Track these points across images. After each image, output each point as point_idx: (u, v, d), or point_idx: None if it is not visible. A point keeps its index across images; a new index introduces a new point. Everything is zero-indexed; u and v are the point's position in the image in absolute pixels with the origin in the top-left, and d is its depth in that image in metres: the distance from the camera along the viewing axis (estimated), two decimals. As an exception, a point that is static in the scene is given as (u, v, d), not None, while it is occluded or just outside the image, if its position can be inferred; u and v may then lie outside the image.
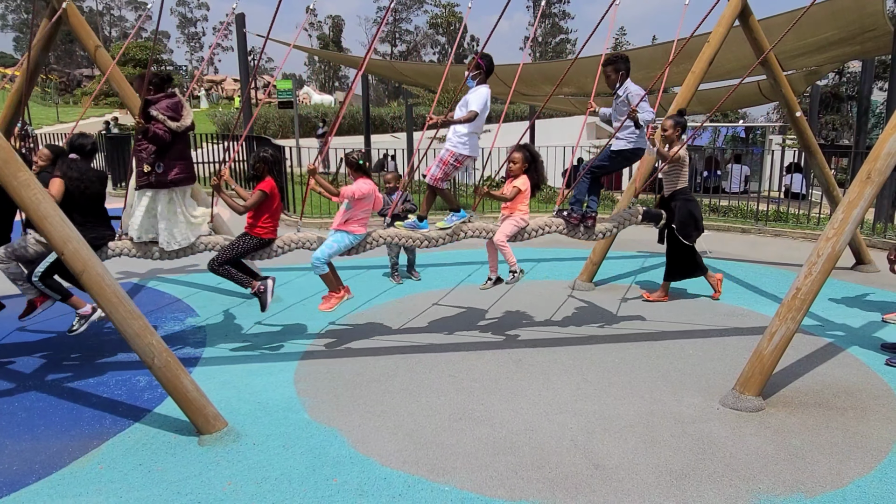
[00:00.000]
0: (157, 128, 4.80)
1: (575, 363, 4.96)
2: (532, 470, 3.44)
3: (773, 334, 4.13)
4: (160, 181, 4.92)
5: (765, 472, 3.41)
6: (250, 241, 5.01)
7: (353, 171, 5.07)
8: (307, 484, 3.32)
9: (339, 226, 5.01)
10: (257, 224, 5.02)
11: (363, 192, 4.95)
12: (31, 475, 3.43)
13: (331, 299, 5.15)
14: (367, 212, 5.09)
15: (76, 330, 4.95)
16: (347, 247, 5.04)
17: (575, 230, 5.36)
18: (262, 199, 4.97)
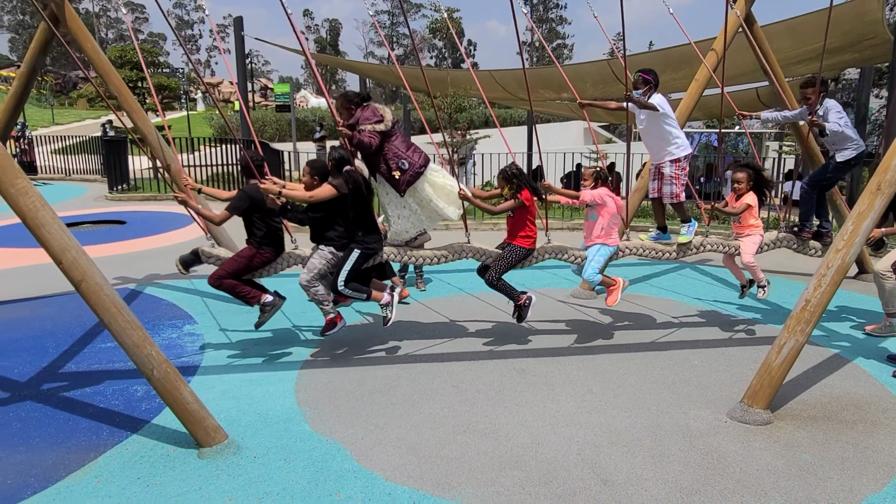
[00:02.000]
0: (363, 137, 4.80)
1: (579, 374, 4.90)
2: (539, 486, 3.38)
3: (781, 346, 4.08)
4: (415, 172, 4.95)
5: (776, 488, 3.35)
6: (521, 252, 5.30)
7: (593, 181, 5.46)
8: (310, 499, 3.25)
9: (594, 239, 5.40)
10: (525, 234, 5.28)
11: (602, 198, 5.29)
12: (26, 489, 3.35)
13: (613, 292, 5.45)
14: (615, 219, 5.38)
15: (390, 318, 5.16)
16: (608, 256, 5.42)
17: (804, 245, 5.82)
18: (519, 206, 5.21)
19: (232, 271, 5.04)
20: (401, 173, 4.92)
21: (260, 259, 5.12)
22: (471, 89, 13.88)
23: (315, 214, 5.00)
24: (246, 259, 5.08)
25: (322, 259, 5.00)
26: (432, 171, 5.10)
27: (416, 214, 5.12)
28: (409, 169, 4.92)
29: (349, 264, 4.93)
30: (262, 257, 5.12)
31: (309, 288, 4.99)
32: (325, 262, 5.01)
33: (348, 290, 4.98)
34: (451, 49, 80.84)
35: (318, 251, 5.04)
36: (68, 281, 3.49)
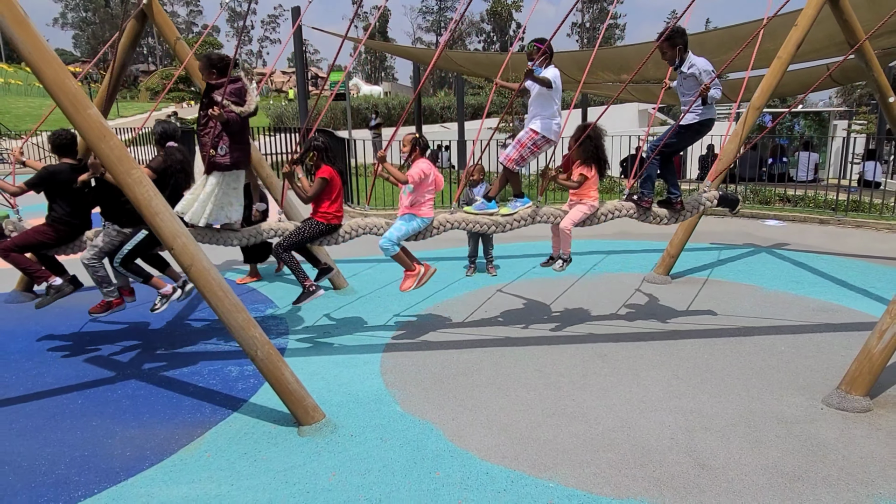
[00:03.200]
0: (227, 113, 4.71)
1: (662, 359, 4.86)
2: (635, 468, 3.39)
3: (883, 332, 3.95)
4: (223, 164, 4.86)
5: (883, 476, 3.27)
6: (316, 227, 5.04)
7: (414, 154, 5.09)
8: (410, 477, 3.35)
9: (406, 209, 5.04)
10: (319, 210, 5.05)
11: (425, 173, 4.96)
12: (144, 461, 3.56)
13: (408, 279, 5.19)
14: (431, 192, 5.09)
15: (158, 308, 5.15)
16: (416, 230, 5.06)
17: (646, 214, 5.25)
18: (324, 187, 5.00)
19: (20, 244, 4.89)
20: (216, 155, 4.79)
21: (51, 234, 4.95)
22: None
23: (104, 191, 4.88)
24: (41, 234, 4.95)
25: (106, 237, 4.91)
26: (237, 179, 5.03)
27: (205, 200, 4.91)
28: (221, 156, 4.80)
29: (132, 244, 4.89)
30: (54, 233, 4.96)
31: (89, 266, 4.90)
32: (110, 240, 4.92)
33: (123, 269, 4.95)
34: (499, 33, 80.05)
35: (104, 229, 4.95)
36: (178, 265, 3.66)
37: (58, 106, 3.42)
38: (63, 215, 4.99)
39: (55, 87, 3.36)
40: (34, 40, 3.37)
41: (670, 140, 5.21)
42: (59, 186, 4.94)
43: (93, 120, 3.43)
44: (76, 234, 5.07)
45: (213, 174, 4.92)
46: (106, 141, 3.44)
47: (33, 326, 5.86)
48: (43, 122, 5.96)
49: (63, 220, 4.99)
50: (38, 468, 3.50)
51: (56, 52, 3.48)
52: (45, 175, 4.94)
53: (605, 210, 5.21)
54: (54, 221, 4.99)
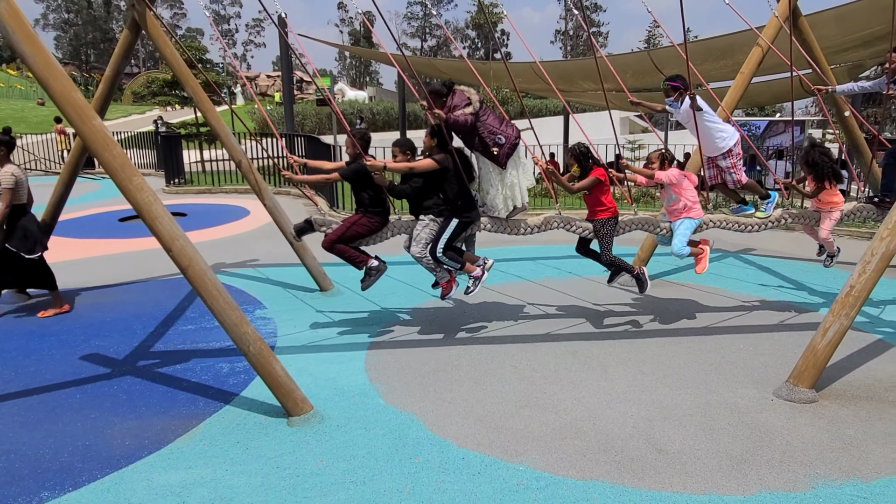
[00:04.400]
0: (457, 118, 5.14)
1: (630, 355, 5.19)
2: (599, 453, 3.70)
3: (826, 330, 4.31)
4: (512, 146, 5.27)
5: (821, 459, 3.62)
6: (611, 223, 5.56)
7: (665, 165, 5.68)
8: (392, 462, 3.63)
9: (681, 214, 5.64)
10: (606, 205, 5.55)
11: (676, 177, 5.55)
12: (142, 450, 3.80)
13: (701, 260, 5.72)
14: (693, 192, 5.63)
15: (472, 291, 5.52)
16: (694, 229, 5.69)
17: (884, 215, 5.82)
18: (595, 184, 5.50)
19: (342, 235, 5.38)
20: (498, 148, 5.23)
21: (368, 226, 5.42)
22: (513, 82, 14.09)
23: (415, 186, 5.31)
24: (356, 225, 5.40)
25: (427, 229, 5.33)
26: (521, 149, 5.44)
27: (514, 187, 5.41)
28: (505, 143, 5.24)
29: (448, 232, 5.28)
30: (371, 224, 5.42)
31: (422, 258, 5.34)
32: (430, 231, 5.33)
33: (446, 258, 5.33)
34: (483, 39, 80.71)
35: (421, 222, 5.37)
36: (176, 266, 3.92)
37: (65, 117, 3.67)
38: (377, 208, 5.45)
39: (62, 99, 3.61)
40: (42, 55, 3.62)
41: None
42: (370, 180, 5.30)
43: (97, 130, 3.69)
44: (385, 224, 5.52)
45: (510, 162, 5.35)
46: (109, 150, 3.70)
47: (29, 326, 6.06)
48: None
49: (377, 212, 5.46)
50: (43, 456, 3.73)
51: None
52: (359, 170, 5.30)
53: (847, 212, 6.03)
54: (369, 213, 5.44)
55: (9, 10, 3.55)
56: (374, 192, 5.42)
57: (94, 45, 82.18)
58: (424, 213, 5.39)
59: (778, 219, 5.95)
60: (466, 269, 5.46)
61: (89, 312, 6.48)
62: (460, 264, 5.43)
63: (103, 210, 13.10)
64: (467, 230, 5.50)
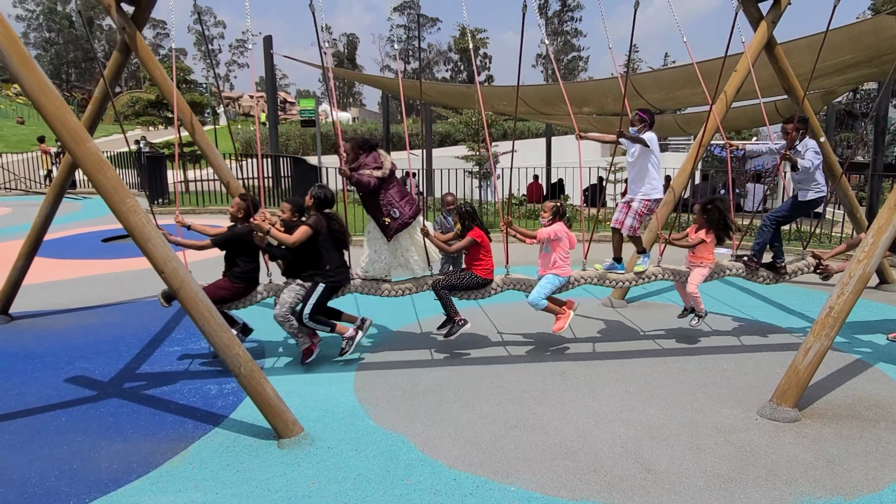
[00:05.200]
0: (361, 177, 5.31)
1: (617, 376, 5.26)
2: (589, 473, 3.74)
3: (807, 350, 4.41)
4: (403, 224, 5.49)
5: (805, 477, 3.69)
6: (475, 278, 5.68)
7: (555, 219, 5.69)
8: (384, 483, 3.64)
9: (547, 269, 5.67)
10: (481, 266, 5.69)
11: (557, 234, 5.56)
12: (131, 473, 3.77)
13: (559, 320, 5.71)
14: (567, 253, 5.68)
15: (347, 352, 5.58)
16: (557, 286, 5.70)
17: (754, 274, 6.05)
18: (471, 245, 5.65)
19: None
20: (391, 220, 5.43)
21: (233, 290, 5.47)
22: (496, 105, 14.30)
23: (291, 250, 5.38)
24: (221, 290, 5.41)
25: (292, 293, 5.39)
26: (418, 225, 5.60)
27: (390, 260, 5.65)
28: (398, 218, 5.45)
29: (314, 297, 5.36)
30: (235, 289, 5.48)
31: (284, 322, 5.36)
32: (295, 296, 5.39)
33: (312, 322, 5.39)
34: (466, 63, 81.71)
35: (288, 286, 5.45)
36: (168, 287, 3.93)
37: (59, 138, 3.69)
38: (245, 272, 5.50)
39: (56, 121, 3.63)
40: (37, 77, 3.64)
41: (785, 213, 6.12)
42: (244, 246, 5.41)
43: (91, 153, 3.71)
44: (251, 290, 5.56)
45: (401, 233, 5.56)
46: (103, 172, 3.72)
47: (11, 348, 5.98)
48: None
49: (245, 277, 5.51)
50: (29, 480, 3.68)
51: None
52: (231, 237, 5.45)
53: (718, 269, 6.00)
54: (236, 278, 5.48)
55: (4, 32, 3.58)
56: (245, 261, 5.48)
57: (75, 64, 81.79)
58: (292, 276, 5.47)
59: (651, 275, 5.97)
60: (339, 331, 5.54)
61: (74, 334, 6.41)
62: (330, 327, 5.49)
63: (86, 230, 12.99)
64: (336, 293, 5.59)
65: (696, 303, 5.94)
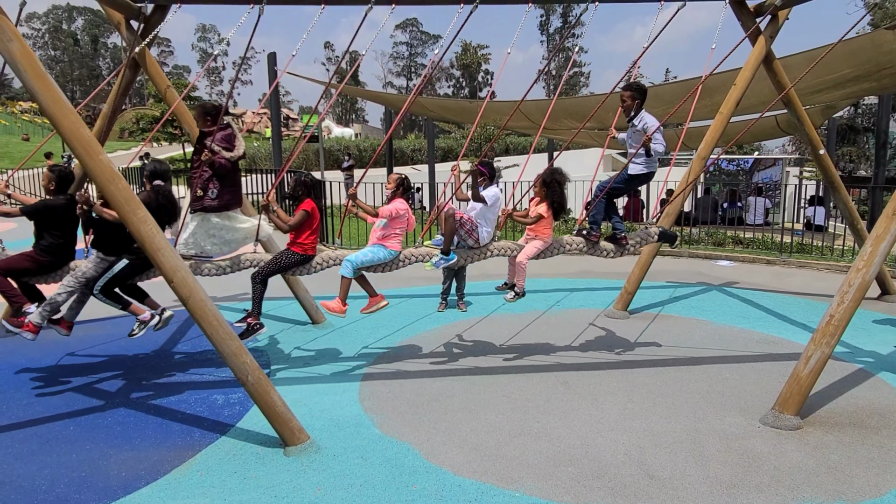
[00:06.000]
0: (218, 158, 5.19)
1: (619, 385, 5.29)
2: (593, 479, 3.78)
3: (808, 358, 4.45)
4: (212, 206, 5.31)
5: (808, 483, 3.72)
6: (292, 256, 5.36)
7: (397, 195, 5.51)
8: (390, 490, 3.67)
9: (377, 241, 5.42)
10: (297, 241, 5.38)
11: (400, 211, 5.40)
12: (139, 480, 3.81)
13: (333, 304, 5.38)
14: (401, 229, 5.49)
15: (136, 333, 5.40)
16: (381, 260, 5.39)
17: (594, 248, 5.72)
18: (304, 218, 5.35)
19: (5, 268, 5.09)
20: (202, 197, 5.23)
21: (39, 263, 5.17)
22: (498, 119, 14.43)
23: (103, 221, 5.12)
24: (25, 260, 5.15)
25: (90, 263, 5.19)
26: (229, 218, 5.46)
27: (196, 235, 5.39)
28: (212, 199, 5.26)
29: (112, 272, 5.15)
30: (41, 262, 5.18)
31: (62, 287, 5.11)
32: (93, 266, 5.18)
33: (102, 297, 5.19)
34: (468, 78, 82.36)
35: (89, 256, 5.25)
36: (177, 297, 3.99)
37: (72, 152, 3.78)
38: (52, 246, 5.22)
39: (71, 134, 3.73)
40: (52, 93, 3.74)
41: (616, 185, 5.77)
42: (55, 219, 5.22)
43: (104, 165, 3.79)
44: (60, 265, 5.29)
45: (198, 213, 5.33)
46: (115, 183, 3.80)
47: (18, 359, 6.04)
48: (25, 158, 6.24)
49: (52, 251, 5.22)
50: (39, 488, 3.73)
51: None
52: (42, 207, 5.23)
53: (556, 244, 5.67)
54: (43, 251, 5.21)
55: (21, 50, 3.69)
56: (55, 235, 5.22)
57: (80, 81, 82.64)
58: (98, 248, 5.26)
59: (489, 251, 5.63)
60: (133, 310, 5.37)
61: (80, 346, 6.46)
62: (123, 305, 5.33)
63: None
64: (142, 274, 5.32)
65: (519, 275, 5.62)
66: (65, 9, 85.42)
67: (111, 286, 5.26)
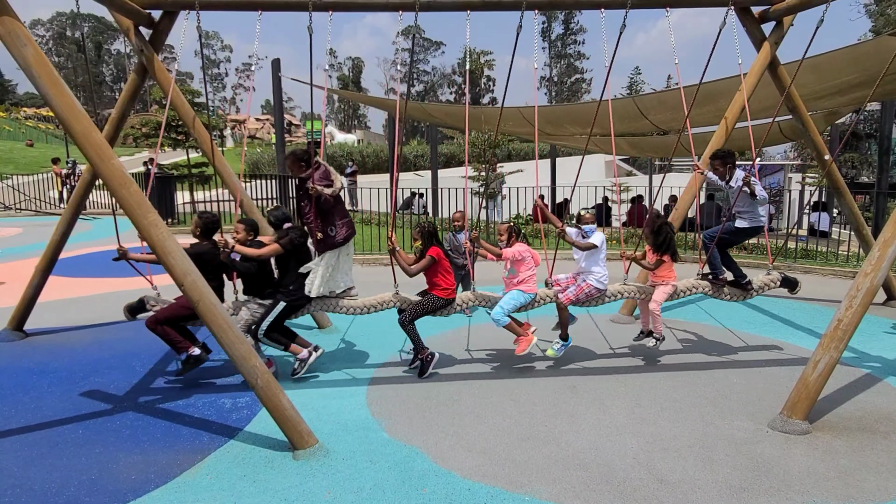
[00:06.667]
0: (321, 192, 5.40)
1: (627, 390, 5.29)
2: (602, 483, 3.78)
3: (817, 362, 4.46)
4: (339, 242, 5.59)
5: (817, 487, 3.71)
6: (437, 301, 5.70)
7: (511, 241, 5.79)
8: (399, 493, 3.67)
9: (514, 286, 5.74)
10: (439, 286, 5.70)
11: (522, 254, 5.67)
12: (149, 483, 3.82)
13: (521, 342, 5.80)
14: (531, 269, 5.74)
15: (299, 372, 5.62)
16: (522, 304, 5.74)
17: (720, 291, 6.09)
18: (430, 264, 5.65)
19: (169, 317, 5.35)
20: (324, 237, 5.51)
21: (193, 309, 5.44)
22: (503, 126, 14.48)
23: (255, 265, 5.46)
24: (184, 308, 5.33)
25: (249, 311, 5.46)
26: (348, 248, 5.71)
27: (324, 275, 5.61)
28: (335, 237, 5.53)
29: (274, 315, 5.46)
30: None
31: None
32: (251, 314, 5.46)
33: (267, 340, 5.50)
34: (470, 85, 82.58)
35: (247, 304, 5.50)
36: (188, 299, 4.01)
37: (84, 156, 3.80)
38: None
39: (83, 139, 3.75)
40: (65, 98, 3.77)
41: (724, 236, 6.14)
42: (204, 265, 5.31)
43: (115, 169, 3.82)
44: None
45: (329, 252, 5.59)
46: (127, 187, 3.83)
47: (27, 364, 6.05)
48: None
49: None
50: (49, 490, 3.74)
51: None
52: (193, 255, 5.32)
53: (683, 287, 6.03)
54: None
55: (35, 55, 3.73)
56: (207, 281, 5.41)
57: (83, 88, 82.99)
58: (252, 293, 5.53)
59: (616, 293, 5.98)
60: (293, 350, 5.61)
61: (88, 350, 6.48)
62: (284, 346, 5.58)
63: (97, 250, 13.12)
64: (296, 313, 5.67)
65: (654, 322, 5.93)
66: (69, 15, 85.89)
67: (273, 329, 5.54)
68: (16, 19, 3.75)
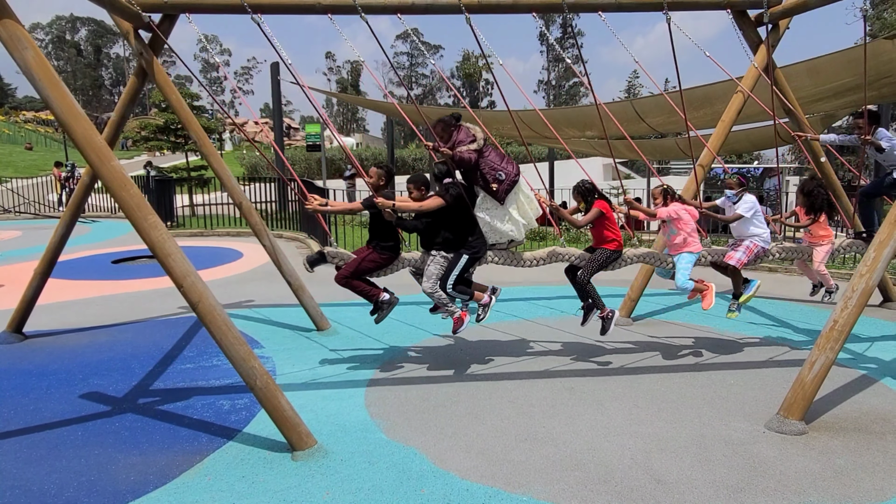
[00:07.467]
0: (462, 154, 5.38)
1: (625, 391, 5.31)
2: (599, 484, 3.79)
3: (813, 363, 4.48)
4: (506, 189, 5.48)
5: (814, 487, 3.74)
6: (611, 254, 5.72)
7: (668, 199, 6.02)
8: (398, 494, 3.69)
9: (681, 249, 5.91)
10: (609, 238, 5.73)
11: (678, 212, 5.82)
12: (147, 484, 3.83)
13: (706, 296, 5.97)
14: (691, 225, 5.87)
15: (483, 317, 5.77)
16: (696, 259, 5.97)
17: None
18: (598, 216, 5.72)
19: (355, 270, 5.55)
20: (498, 184, 5.46)
21: (378, 261, 5.57)
22: (502, 128, 14.53)
23: (425, 222, 5.58)
24: (366, 260, 5.55)
25: (437, 265, 5.53)
26: (523, 184, 5.69)
27: (515, 221, 5.61)
28: (505, 179, 5.47)
29: (458, 268, 5.48)
30: (382, 259, 5.58)
31: (433, 294, 5.51)
32: (440, 267, 5.53)
33: (455, 292, 5.54)
34: (469, 88, 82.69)
35: (432, 258, 5.56)
36: (186, 302, 4.03)
37: (85, 158, 3.83)
38: (391, 244, 5.62)
39: (84, 141, 3.78)
40: (66, 100, 3.80)
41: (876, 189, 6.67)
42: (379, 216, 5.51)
43: (116, 171, 3.84)
44: (394, 259, 5.67)
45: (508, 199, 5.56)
46: (127, 189, 3.85)
47: (26, 366, 6.06)
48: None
49: (390, 248, 5.61)
50: (48, 491, 3.75)
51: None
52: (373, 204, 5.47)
53: (839, 247, 6.35)
54: (384, 249, 5.59)
55: (35, 58, 3.75)
56: (394, 235, 5.63)
57: (82, 91, 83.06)
58: (435, 248, 5.58)
59: (774, 253, 6.18)
60: (476, 298, 5.69)
61: (87, 352, 6.50)
62: (470, 295, 5.66)
63: (96, 252, 13.13)
64: (476, 264, 5.70)
65: (824, 279, 6.26)
66: (68, 19, 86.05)
67: (459, 282, 5.58)
68: (17, 22, 3.78)
